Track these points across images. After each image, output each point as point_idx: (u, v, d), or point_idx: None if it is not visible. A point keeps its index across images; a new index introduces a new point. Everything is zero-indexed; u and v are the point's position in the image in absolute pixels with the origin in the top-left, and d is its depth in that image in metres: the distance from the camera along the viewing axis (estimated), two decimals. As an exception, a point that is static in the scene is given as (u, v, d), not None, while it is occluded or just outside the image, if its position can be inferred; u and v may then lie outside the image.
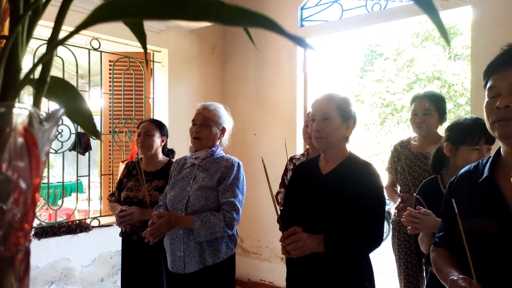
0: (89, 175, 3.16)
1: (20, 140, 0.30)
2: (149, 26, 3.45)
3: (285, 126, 3.73)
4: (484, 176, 1.17)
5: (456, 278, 1.07)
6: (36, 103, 0.34)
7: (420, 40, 15.23)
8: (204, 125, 2.06)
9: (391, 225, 2.54)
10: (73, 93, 0.48)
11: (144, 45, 0.39)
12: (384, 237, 6.51)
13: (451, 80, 13.23)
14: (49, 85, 0.34)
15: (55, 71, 5.05)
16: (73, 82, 4.87)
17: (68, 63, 4.08)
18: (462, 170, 1.31)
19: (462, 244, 1.20)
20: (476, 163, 1.27)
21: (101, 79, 3.48)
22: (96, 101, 3.58)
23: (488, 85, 1.15)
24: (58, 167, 8.49)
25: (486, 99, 1.15)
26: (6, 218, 0.30)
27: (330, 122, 1.67)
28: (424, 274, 2.36)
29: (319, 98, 1.75)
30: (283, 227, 1.59)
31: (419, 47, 14.97)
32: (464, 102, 13.09)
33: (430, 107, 2.27)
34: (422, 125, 2.28)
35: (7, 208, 0.30)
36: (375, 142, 13.64)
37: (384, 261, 4.87)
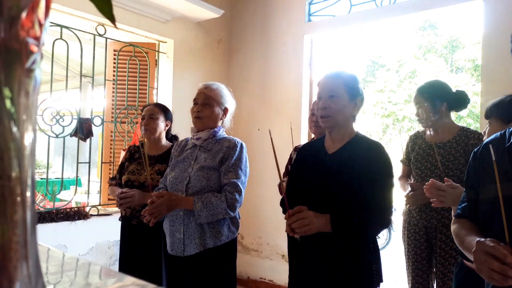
0: (89, 162, 3.09)
1: None
2: (156, 15, 3.42)
3: (289, 122, 3.67)
4: None
5: (483, 239, 1.00)
6: None
7: (422, 52, 15.32)
8: (206, 105, 2.00)
9: (402, 223, 2.44)
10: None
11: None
12: (387, 241, 6.22)
13: (453, 92, 13.27)
14: None
15: (58, 69, 4.96)
16: (77, 80, 4.81)
17: (72, 61, 4.03)
18: (488, 139, 1.27)
19: (489, 212, 1.13)
20: (503, 131, 1.22)
21: (105, 67, 3.43)
22: (100, 102, 3.47)
23: None
24: (57, 166, 8.41)
25: None
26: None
27: (337, 99, 1.61)
28: (435, 269, 2.26)
29: (326, 76, 1.69)
30: (288, 206, 1.52)
31: (421, 59, 15.04)
32: (465, 114, 13.09)
33: (419, 99, 2.31)
34: (420, 118, 2.32)
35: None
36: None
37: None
